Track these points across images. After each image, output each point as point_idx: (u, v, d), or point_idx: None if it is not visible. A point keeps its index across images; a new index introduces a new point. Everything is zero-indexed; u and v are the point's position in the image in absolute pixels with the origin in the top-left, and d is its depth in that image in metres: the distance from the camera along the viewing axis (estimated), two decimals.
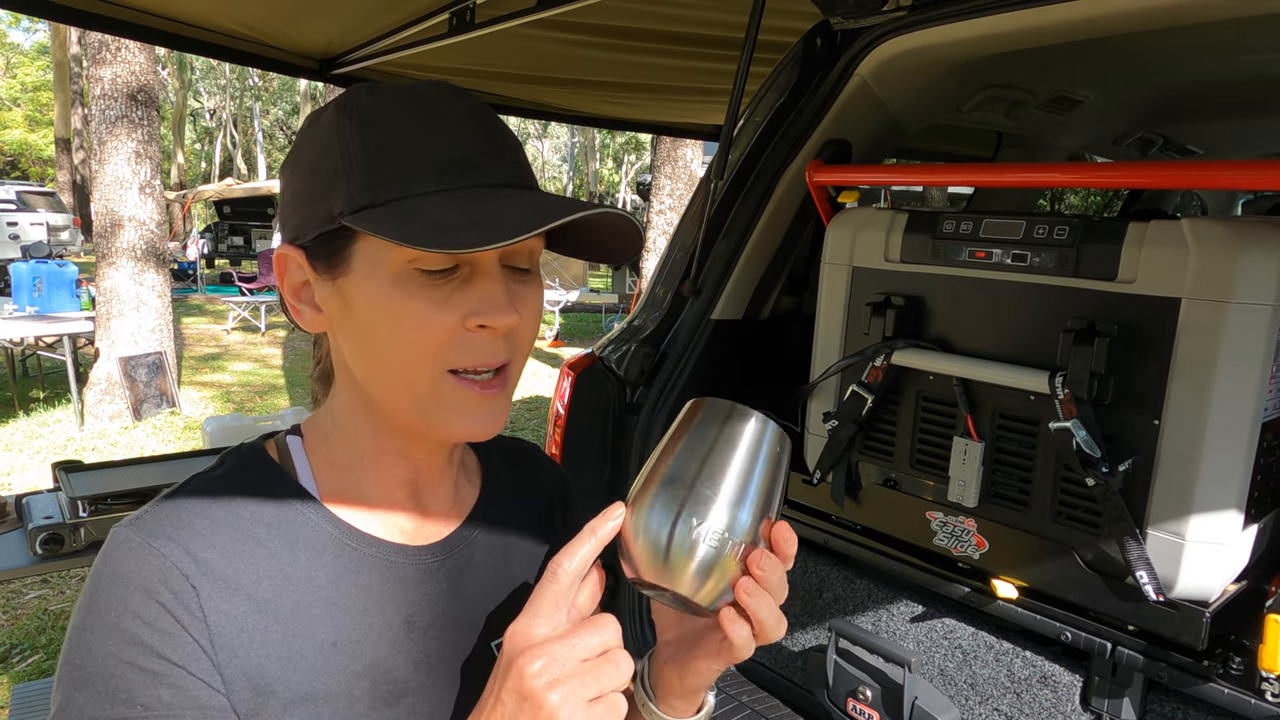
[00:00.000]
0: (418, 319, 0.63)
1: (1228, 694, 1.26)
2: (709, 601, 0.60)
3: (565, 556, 0.58)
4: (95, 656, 0.59)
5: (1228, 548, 1.30)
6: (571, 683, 0.54)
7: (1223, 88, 2.48)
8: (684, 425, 0.62)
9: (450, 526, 0.76)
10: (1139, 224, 1.34)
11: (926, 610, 1.66)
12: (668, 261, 2.07)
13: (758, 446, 0.61)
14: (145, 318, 6.45)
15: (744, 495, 0.59)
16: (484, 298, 0.64)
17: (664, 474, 0.60)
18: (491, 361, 0.65)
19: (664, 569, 0.58)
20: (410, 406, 0.67)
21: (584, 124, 4.04)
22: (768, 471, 0.61)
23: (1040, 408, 1.44)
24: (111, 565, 0.61)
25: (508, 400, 0.69)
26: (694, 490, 0.58)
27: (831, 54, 1.89)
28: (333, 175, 0.64)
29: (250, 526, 0.65)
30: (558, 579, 0.57)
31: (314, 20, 2.39)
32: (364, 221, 0.61)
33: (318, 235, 0.65)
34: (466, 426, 0.67)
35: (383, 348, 0.65)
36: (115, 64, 6.10)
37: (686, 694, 0.68)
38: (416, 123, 0.65)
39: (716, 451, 0.60)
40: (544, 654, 0.54)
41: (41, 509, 2.23)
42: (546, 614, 0.57)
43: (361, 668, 0.66)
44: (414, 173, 0.63)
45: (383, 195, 0.62)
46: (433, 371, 0.64)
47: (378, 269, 0.63)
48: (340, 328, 0.68)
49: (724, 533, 0.58)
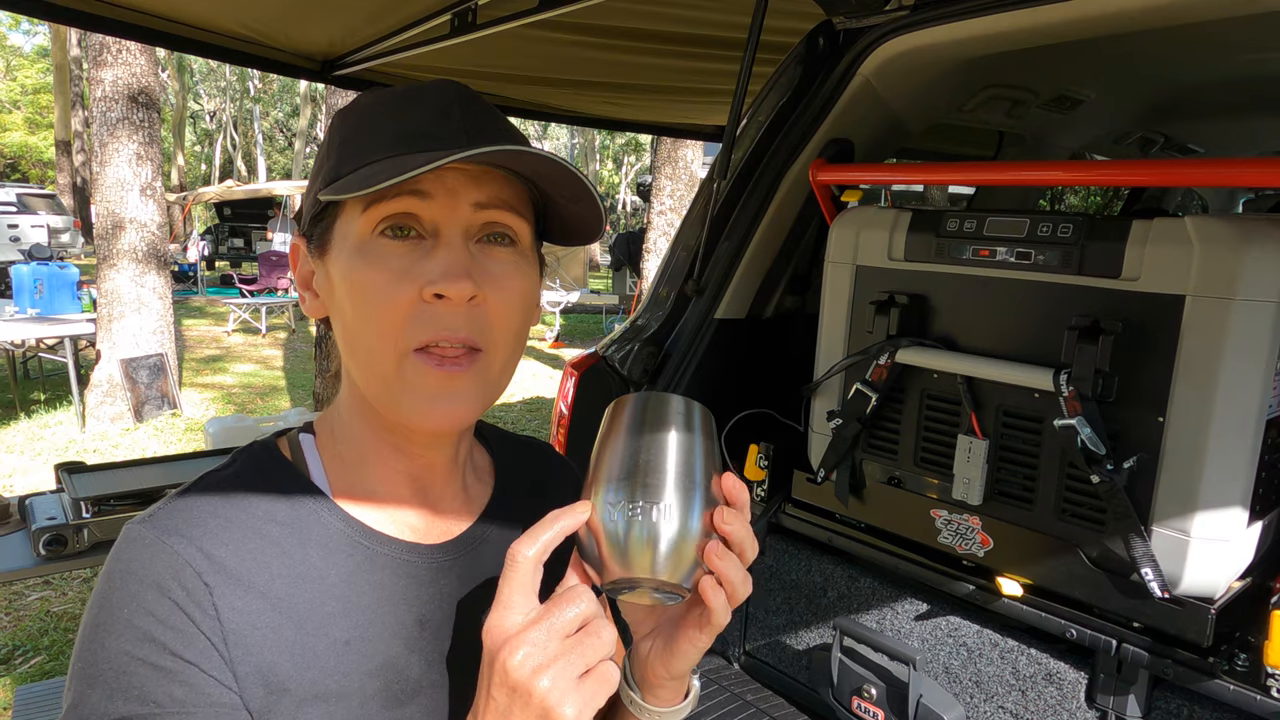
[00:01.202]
0: (377, 289, 0.63)
1: (1233, 690, 1.26)
2: (683, 577, 0.60)
3: (525, 543, 0.58)
4: (108, 653, 0.59)
5: (1233, 544, 1.30)
6: (557, 664, 0.54)
7: (1223, 86, 2.48)
8: (612, 425, 0.63)
9: (462, 525, 0.76)
10: (1143, 222, 1.35)
11: (931, 608, 1.66)
12: (671, 261, 2.07)
13: (687, 421, 0.62)
14: (146, 319, 6.46)
15: (689, 467, 0.61)
16: (439, 265, 0.63)
17: (606, 473, 0.61)
18: (451, 335, 0.64)
19: (632, 560, 0.59)
20: (381, 391, 0.66)
21: (585, 125, 4.05)
22: (702, 441, 0.63)
23: (1045, 405, 1.44)
24: (125, 562, 0.61)
25: (476, 388, 0.67)
26: (640, 478, 0.60)
27: (834, 53, 1.89)
28: (321, 163, 0.68)
29: (263, 524, 0.65)
30: (518, 565, 0.57)
31: (315, 21, 2.39)
32: (326, 190, 0.64)
33: (310, 220, 0.69)
34: (426, 409, 0.65)
35: (353, 323, 0.66)
36: (116, 66, 6.11)
37: (674, 680, 0.68)
38: (396, 107, 0.67)
39: (648, 437, 0.61)
40: (523, 642, 0.54)
41: (44, 510, 2.24)
42: (516, 603, 0.57)
43: (375, 666, 0.66)
44: (376, 144, 0.65)
45: (347, 167, 0.65)
46: (397, 348, 0.64)
47: (346, 242, 0.66)
48: (330, 311, 0.70)
49: (680, 505, 0.59)
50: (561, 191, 0.68)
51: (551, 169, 0.65)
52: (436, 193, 0.64)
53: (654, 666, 0.67)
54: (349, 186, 0.62)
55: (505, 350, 0.68)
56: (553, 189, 0.68)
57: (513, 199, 0.67)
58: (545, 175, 0.66)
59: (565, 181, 0.66)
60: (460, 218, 0.65)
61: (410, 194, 0.63)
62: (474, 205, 0.65)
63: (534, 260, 0.72)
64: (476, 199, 0.65)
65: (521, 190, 0.69)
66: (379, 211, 0.64)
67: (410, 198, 0.63)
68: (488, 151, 0.61)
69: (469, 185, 0.65)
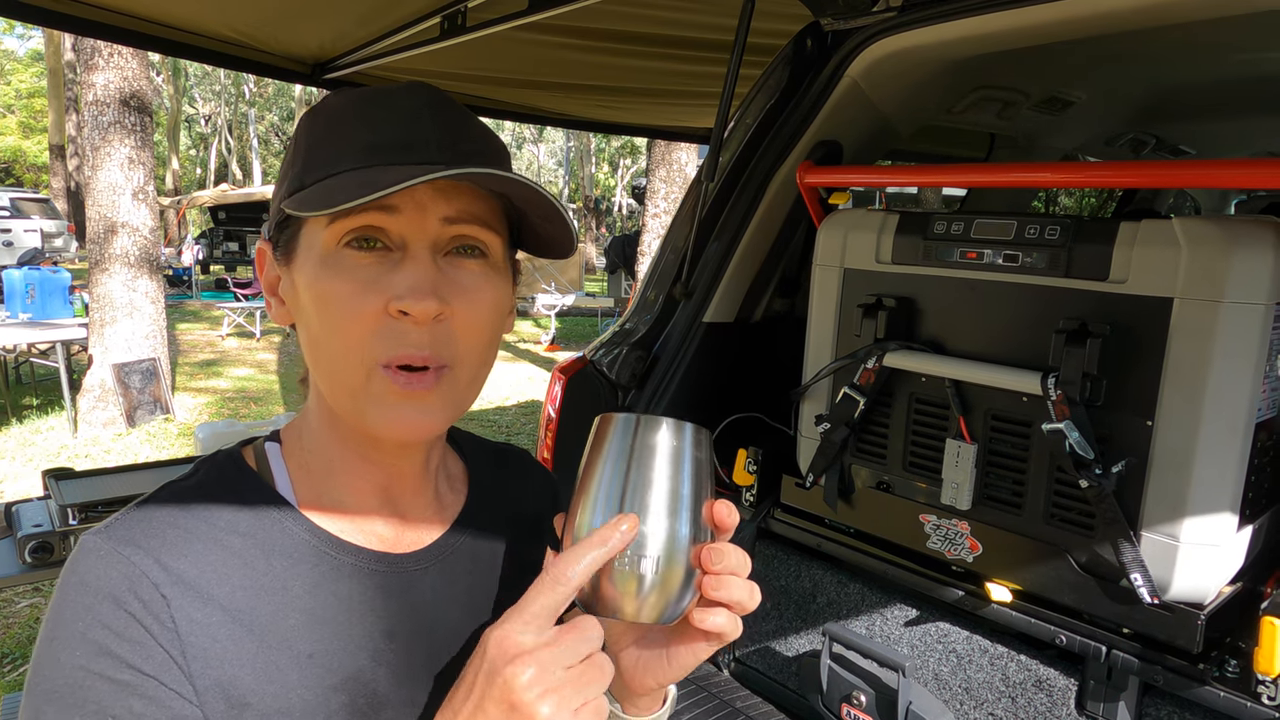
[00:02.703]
0: (342, 301, 0.62)
1: (1224, 697, 1.25)
2: (672, 617, 0.59)
3: (570, 563, 0.55)
4: (64, 668, 0.57)
5: (1222, 549, 1.29)
6: (563, 692, 0.53)
7: (1213, 87, 2.48)
8: (597, 449, 0.60)
9: (433, 534, 0.74)
10: (1130, 224, 1.34)
11: (921, 614, 1.65)
12: (659, 264, 2.06)
13: (677, 454, 0.59)
14: (139, 324, 6.43)
15: (676, 509, 0.58)
16: (405, 281, 0.62)
17: (593, 507, 0.58)
18: (416, 355, 0.62)
19: (618, 606, 0.58)
20: (348, 402, 0.65)
21: (577, 128, 4.05)
22: (692, 472, 0.59)
23: (1033, 409, 1.43)
24: (79, 574, 0.59)
25: (443, 401, 0.65)
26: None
27: (822, 55, 1.88)
28: (287, 169, 0.67)
29: (224, 535, 0.64)
30: (559, 587, 0.55)
31: (305, 25, 2.38)
32: (290, 202, 0.62)
33: (275, 226, 0.68)
34: (388, 422, 0.64)
35: (319, 335, 0.64)
36: (107, 70, 6.09)
37: (660, 688, 0.67)
38: (364, 111, 0.65)
39: (636, 473, 0.58)
40: (534, 663, 0.53)
41: (31, 517, 2.22)
42: (540, 622, 0.54)
43: (339, 681, 0.64)
44: (343, 154, 0.64)
45: (312, 177, 0.64)
46: (363, 362, 0.63)
47: (312, 252, 0.64)
48: (296, 319, 0.68)
49: (667, 555, 0.57)
50: (533, 210, 0.67)
51: (521, 190, 0.63)
52: (404, 207, 0.62)
53: (639, 678, 0.65)
54: (313, 201, 0.60)
55: (473, 363, 0.67)
56: (526, 207, 0.67)
57: (483, 213, 0.66)
58: (516, 194, 0.65)
59: (536, 201, 0.65)
60: (429, 232, 0.63)
61: (377, 208, 0.62)
62: (443, 220, 0.64)
63: (506, 271, 0.70)
64: (445, 214, 0.64)
65: (493, 204, 0.67)
66: (345, 225, 0.62)
67: (377, 212, 0.62)
68: (454, 174, 0.59)
69: (438, 199, 0.63)
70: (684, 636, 0.63)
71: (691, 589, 0.59)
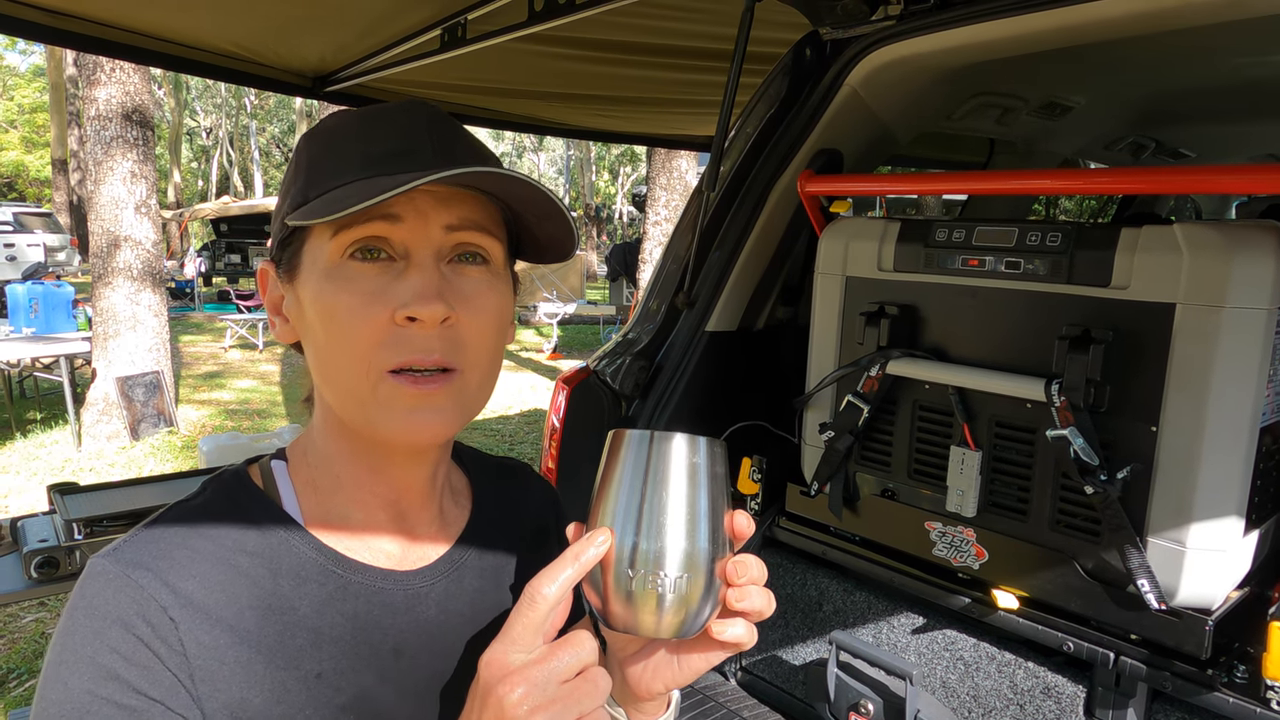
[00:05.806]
0: (350, 313, 0.63)
1: (1233, 703, 1.24)
2: (691, 631, 0.59)
3: (545, 581, 0.56)
4: (71, 692, 0.57)
5: (1229, 554, 1.29)
6: (554, 708, 0.53)
7: (1213, 92, 2.48)
8: (611, 467, 0.60)
9: (439, 550, 0.74)
10: (1131, 229, 1.34)
11: (927, 622, 1.64)
12: (661, 274, 2.06)
13: (694, 470, 0.59)
14: (142, 337, 6.44)
15: (695, 525, 0.58)
16: (411, 288, 0.62)
17: (609, 525, 0.58)
18: (425, 359, 0.63)
19: (636, 623, 0.58)
20: (357, 412, 0.65)
21: (577, 137, 4.06)
22: (709, 487, 0.59)
23: (1037, 416, 1.43)
24: (87, 598, 0.60)
25: (453, 403, 0.66)
26: (643, 541, 0.57)
27: (821, 64, 1.88)
28: (288, 187, 0.67)
29: (232, 555, 0.64)
30: (536, 605, 0.55)
31: (306, 38, 2.40)
32: (294, 215, 0.63)
33: (278, 244, 0.68)
34: (399, 425, 0.64)
35: (326, 348, 0.65)
36: (109, 84, 6.11)
37: (667, 693, 0.67)
38: (363, 128, 0.67)
39: (653, 491, 0.58)
40: (523, 680, 0.53)
41: (36, 532, 2.21)
42: (525, 641, 0.55)
43: (347, 700, 0.64)
44: (344, 167, 0.64)
45: (314, 191, 0.64)
46: (370, 371, 0.63)
47: (316, 266, 0.65)
48: (302, 336, 0.69)
49: (689, 572, 0.57)
50: (531, 210, 0.67)
51: (520, 188, 0.64)
52: (406, 215, 0.63)
53: (647, 683, 0.65)
54: (316, 211, 0.61)
55: (480, 369, 0.67)
56: (523, 207, 0.68)
57: (484, 219, 0.67)
58: (515, 194, 0.65)
59: (535, 200, 0.65)
60: (431, 240, 0.64)
61: (380, 218, 0.62)
62: (444, 227, 0.64)
63: (507, 278, 0.71)
64: (447, 221, 0.64)
65: (493, 210, 0.68)
66: (348, 236, 0.63)
67: (380, 221, 0.63)
68: (456, 173, 0.60)
69: (439, 207, 0.64)
70: (698, 645, 0.63)
71: (712, 602, 0.59)
